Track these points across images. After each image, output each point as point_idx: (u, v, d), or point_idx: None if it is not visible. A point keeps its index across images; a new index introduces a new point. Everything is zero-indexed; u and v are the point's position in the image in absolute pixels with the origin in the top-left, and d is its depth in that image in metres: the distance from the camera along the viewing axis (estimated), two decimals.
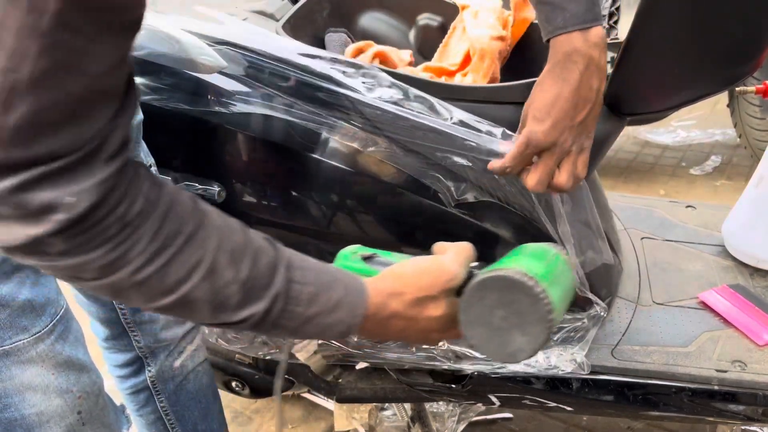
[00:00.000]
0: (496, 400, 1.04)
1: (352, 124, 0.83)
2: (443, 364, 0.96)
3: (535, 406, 1.03)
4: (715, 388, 0.93)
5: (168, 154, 0.94)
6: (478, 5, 1.04)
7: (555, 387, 0.98)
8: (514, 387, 1.00)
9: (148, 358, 1.03)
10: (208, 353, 1.13)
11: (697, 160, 2.71)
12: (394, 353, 0.98)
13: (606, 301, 1.01)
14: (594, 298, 0.95)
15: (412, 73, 0.94)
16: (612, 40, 0.97)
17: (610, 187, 2.49)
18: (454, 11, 1.07)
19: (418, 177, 0.85)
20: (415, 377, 1.04)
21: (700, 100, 0.90)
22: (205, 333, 1.11)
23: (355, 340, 0.96)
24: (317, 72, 0.83)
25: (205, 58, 0.85)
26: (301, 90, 0.83)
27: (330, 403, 1.45)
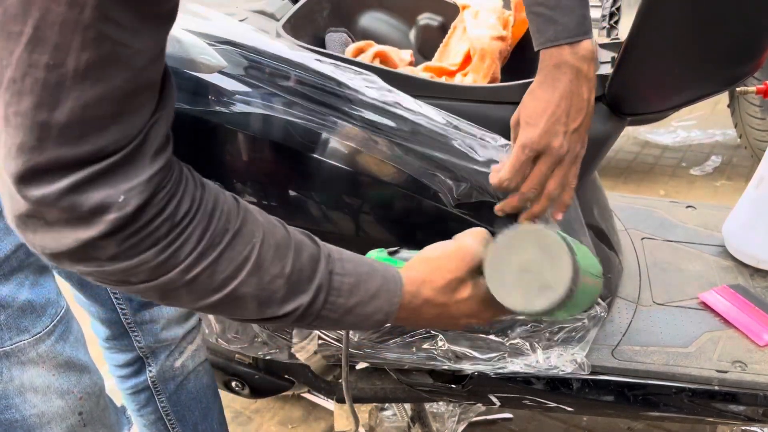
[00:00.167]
0: (496, 401, 1.04)
1: (352, 124, 0.83)
2: (443, 364, 0.96)
3: (535, 406, 1.02)
4: (716, 388, 0.93)
5: None
6: (478, 5, 1.04)
7: (555, 387, 0.98)
8: (515, 387, 1.00)
9: (149, 358, 1.03)
10: (208, 353, 1.13)
11: (697, 160, 2.71)
12: (394, 353, 0.98)
13: (606, 302, 1.01)
14: None
15: (412, 72, 0.94)
16: (612, 40, 0.97)
17: (610, 187, 2.49)
18: (454, 11, 1.07)
19: (418, 177, 0.85)
20: (415, 377, 1.04)
21: (701, 100, 0.90)
22: (205, 333, 1.11)
23: (355, 339, 0.96)
24: (317, 71, 0.83)
25: (205, 57, 0.85)
26: (302, 90, 0.83)
27: (330, 403, 1.45)
